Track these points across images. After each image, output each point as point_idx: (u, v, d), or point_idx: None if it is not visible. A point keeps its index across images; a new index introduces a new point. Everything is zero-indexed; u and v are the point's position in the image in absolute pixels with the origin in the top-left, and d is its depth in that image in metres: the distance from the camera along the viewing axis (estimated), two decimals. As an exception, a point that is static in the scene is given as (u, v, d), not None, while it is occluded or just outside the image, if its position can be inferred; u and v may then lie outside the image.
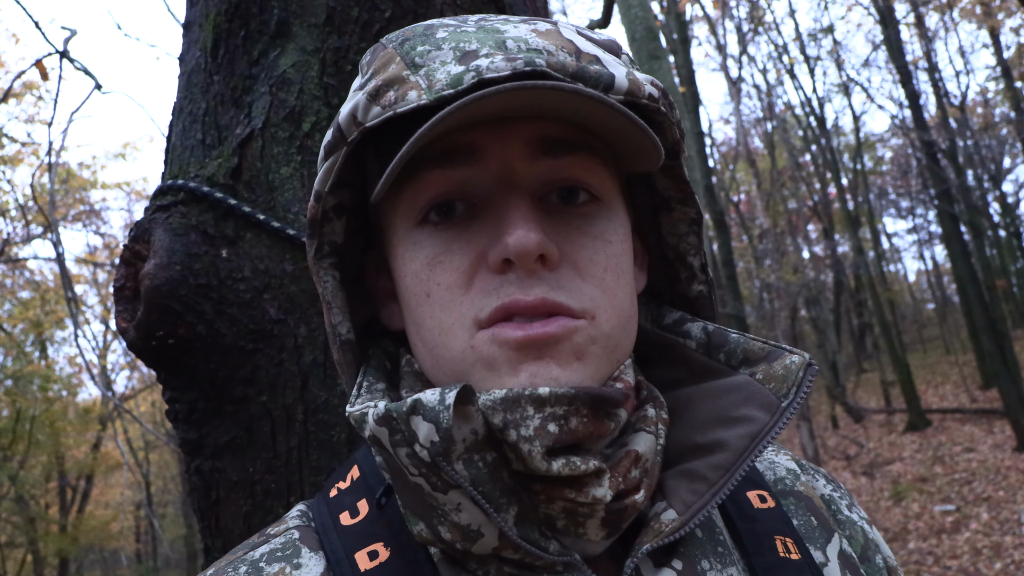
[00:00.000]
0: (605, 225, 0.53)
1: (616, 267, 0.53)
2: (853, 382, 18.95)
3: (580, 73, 0.47)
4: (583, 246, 0.52)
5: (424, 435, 0.45)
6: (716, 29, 13.86)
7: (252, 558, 0.53)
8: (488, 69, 0.46)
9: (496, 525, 0.47)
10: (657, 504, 0.53)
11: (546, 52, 0.48)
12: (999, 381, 10.88)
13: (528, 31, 0.50)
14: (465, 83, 0.46)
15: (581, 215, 0.52)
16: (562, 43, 0.50)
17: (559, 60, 0.47)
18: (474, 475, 0.47)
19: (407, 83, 0.48)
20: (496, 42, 0.49)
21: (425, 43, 0.50)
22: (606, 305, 0.51)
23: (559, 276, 0.50)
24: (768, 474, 0.65)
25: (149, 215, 0.94)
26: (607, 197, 0.54)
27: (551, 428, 0.47)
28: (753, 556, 0.55)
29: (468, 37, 0.50)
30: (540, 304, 0.49)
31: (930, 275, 28.04)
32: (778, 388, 0.53)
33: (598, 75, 0.48)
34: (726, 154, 19.25)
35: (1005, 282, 19.02)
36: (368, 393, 0.54)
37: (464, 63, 0.47)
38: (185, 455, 0.94)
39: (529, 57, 0.47)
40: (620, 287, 0.53)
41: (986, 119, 18.18)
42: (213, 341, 0.89)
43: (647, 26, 4.26)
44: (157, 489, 20.15)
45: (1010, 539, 7.56)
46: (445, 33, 0.51)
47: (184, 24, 1.08)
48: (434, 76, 0.48)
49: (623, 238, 0.54)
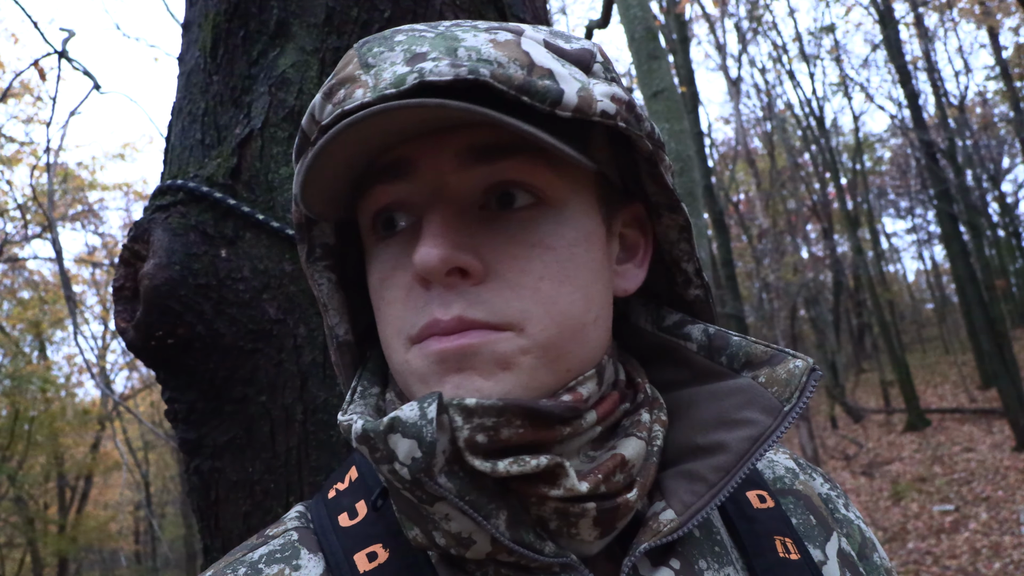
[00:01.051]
0: (548, 230, 0.51)
1: (557, 274, 0.50)
2: (852, 382, 18.96)
3: (526, 87, 0.46)
4: (515, 256, 0.50)
5: (404, 453, 0.45)
6: (716, 29, 13.86)
7: (251, 560, 0.53)
8: (431, 72, 0.45)
9: (487, 532, 0.47)
10: (656, 504, 0.53)
11: (496, 63, 0.47)
12: (998, 381, 10.89)
13: (486, 40, 0.49)
14: (407, 83, 0.45)
15: (520, 221, 0.50)
16: (516, 55, 0.49)
17: (506, 73, 0.46)
18: (458, 486, 0.47)
19: (357, 82, 0.49)
20: (448, 48, 0.48)
21: (382, 45, 0.50)
22: (540, 315, 0.49)
23: (482, 290, 0.49)
24: (767, 472, 0.65)
25: (148, 215, 0.94)
26: (556, 197, 0.51)
27: (479, 439, 0.46)
28: (753, 557, 0.55)
29: (423, 41, 0.49)
30: (456, 323, 0.48)
31: (929, 275, 28.06)
32: (781, 392, 0.53)
33: (545, 90, 0.46)
34: (725, 154, 19.26)
35: (1004, 282, 19.03)
36: (361, 399, 0.53)
37: (411, 64, 0.47)
38: (184, 455, 0.94)
39: (475, 66, 0.46)
40: (563, 294, 0.50)
41: (985, 119, 18.20)
42: (212, 341, 0.89)
43: (646, 26, 4.25)
44: (157, 489, 20.15)
45: (1009, 539, 7.56)
46: (403, 36, 0.51)
47: (183, 24, 1.08)
48: (381, 75, 0.48)
49: (573, 241, 0.52)
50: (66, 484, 15.80)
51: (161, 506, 21.05)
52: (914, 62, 15.21)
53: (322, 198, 0.51)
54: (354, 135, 0.45)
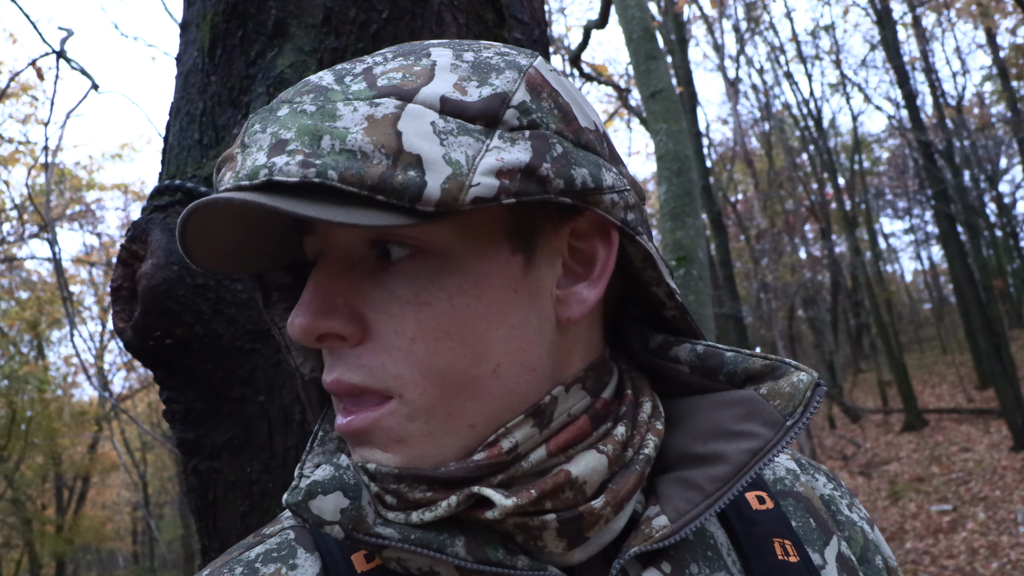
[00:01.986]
0: (425, 284, 0.47)
1: (432, 331, 0.47)
2: (850, 382, 18.98)
3: (380, 186, 0.43)
4: (392, 314, 0.48)
5: (331, 510, 0.46)
6: (714, 29, 13.88)
7: (248, 559, 0.53)
8: (279, 171, 0.44)
9: (448, 563, 0.47)
10: (650, 508, 0.53)
11: (359, 153, 0.44)
12: (995, 381, 10.90)
13: (360, 119, 0.45)
14: (259, 178, 0.44)
15: (399, 274, 0.48)
16: (385, 140, 0.44)
17: (360, 172, 0.43)
18: (399, 530, 0.47)
19: (234, 162, 0.47)
20: (312, 137, 0.45)
21: (264, 121, 0.48)
22: (417, 378, 0.47)
23: (362, 352, 0.48)
24: (767, 474, 0.65)
25: (146, 215, 0.94)
26: (436, 244, 0.47)
27: (388, 500, 0.48)
28: (751, 559, 0.55)
29: (294, 122, 0.46)
30: (336, 387, 0.49)
31: (927, 275, 28.09)
32: (784, 406, 0.52)
33: (403, 187, 0.43)
34: (724, 154, 19.26)
35: (1001, 282, 19.05)
36: (320, 446, 0.55)
37: (271, 155, 0.45)
38: (182, 455, 0.94)
39: (324, 168, 0.43)
40: (440, 352, 0.47)
41: (982, 119, 18.23)
42: (211, 341, 0.89)
43: (644, 27, 4.26)
44: (155, 490, 20.12)
45: (1007, 538, 7.57)
46: (285, 112, 0.47)
47: (181, 24, 1.08)
48: (244, 163, 0.46)
49: (456, 291, 0.47)
50: (64, 484, 15.77)
51: (159, 506, 21.02)
52: (912, 62, 15.24)
53: (227, 257, 0.51)
54: (229, 211, 0.47)
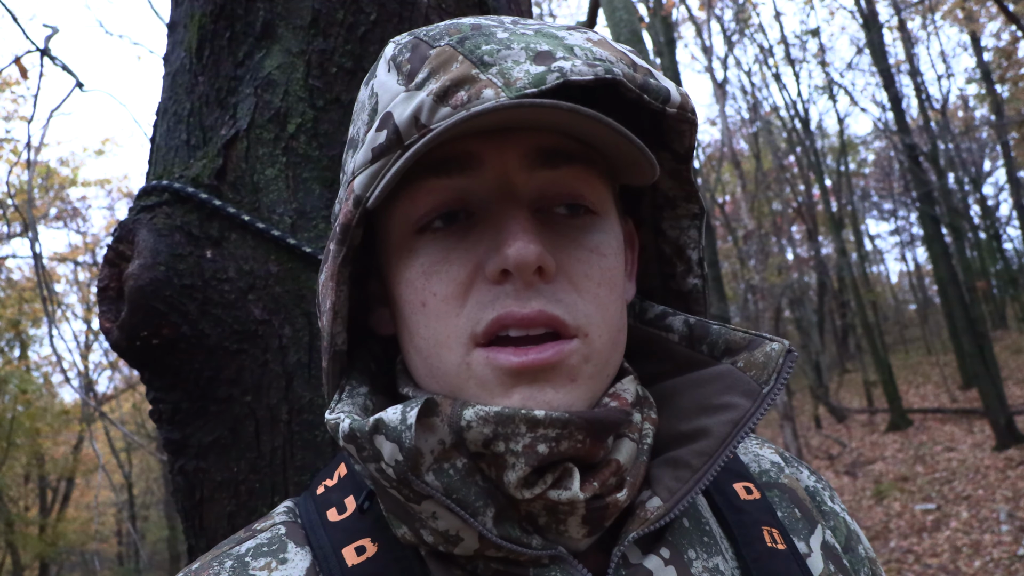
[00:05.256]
0: (600, 238, 0.53)
1: (610, 281, 0.53)
2: (836, 382, 19.12)
3: (644, 86, 0.48)
4: (579, 259, 0.51)
5: (388, 454, 0.46)
6: (702, 31, 13.94)
7: (238, 553, 0.53)
8: (572, 72, 0.45)
9: (475, 529, 0.47)
10: (643, 493, 0.54)
11: (620, 62, 0.49)
12: (979, 381, 11.01)
13: (583, 39, 0.50)
14: (548, 83, 0.45)
15: (578, 227, 0.52)
16: (619, 55, 0.50)
17: (627, 72, 0.48)
18: (446, 483, 0.47)
19: (479, 81, 0.47)
20: (565, 47, 0.48)
21: (488, 42, 0.49)
22: (599, 321, 0.51)
23: (555, 289, 0.50)
24: (753, 466, 0.66)
25: (133, 215, 0.94)
26: (603, 209, 0.54)
27: (540, 448, 0.47)
28: (742, 546, 0.56)
29: (532, 39, 0.49)
30: (537, 316, 0.49)
31: (912, 276, 28.34)
32: (759, 375, 0.54)
33: (658, 89, 0.49)
34: (711, 156, 19.34)
35: (985, 283, 19.26)
36: (349, 398, 0.53)
37: (542, 63, 0.46)
38: (169, 455, 0.94)
39: (608, 66, 0.47)
40: (612, 301, 0.53)
41: (967, 122, 18.42)
42: (198, 341, 0.89)
43: (632, 28, 4.28)
44: (140, 491, 19.96)
45: (989, 537, 7.66)
46: (505, 34, 0.49)
47: (169, 24, 1.08)
48: (510, 75, 0.46)
49: (616, 251, 0.54)
50: (47, 485, 15.61)
51: (145, 507, 20.85)
52: (897, 65, 15.37)
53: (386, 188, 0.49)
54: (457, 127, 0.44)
